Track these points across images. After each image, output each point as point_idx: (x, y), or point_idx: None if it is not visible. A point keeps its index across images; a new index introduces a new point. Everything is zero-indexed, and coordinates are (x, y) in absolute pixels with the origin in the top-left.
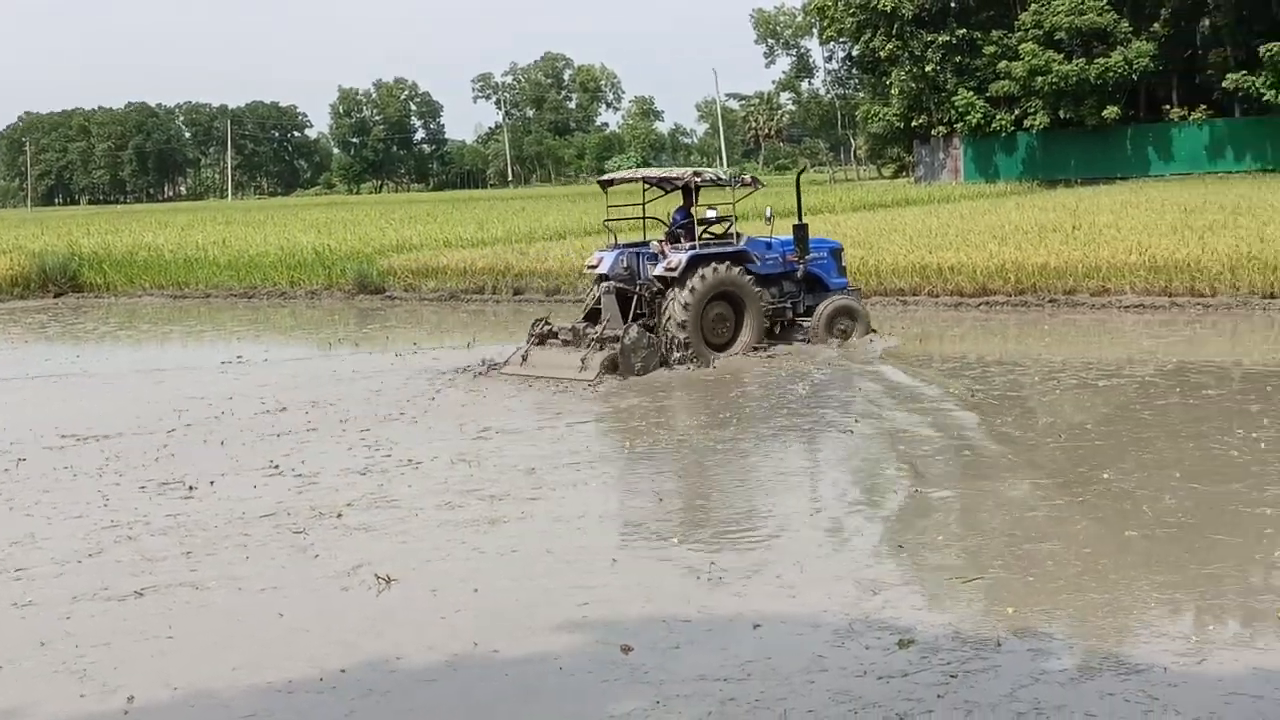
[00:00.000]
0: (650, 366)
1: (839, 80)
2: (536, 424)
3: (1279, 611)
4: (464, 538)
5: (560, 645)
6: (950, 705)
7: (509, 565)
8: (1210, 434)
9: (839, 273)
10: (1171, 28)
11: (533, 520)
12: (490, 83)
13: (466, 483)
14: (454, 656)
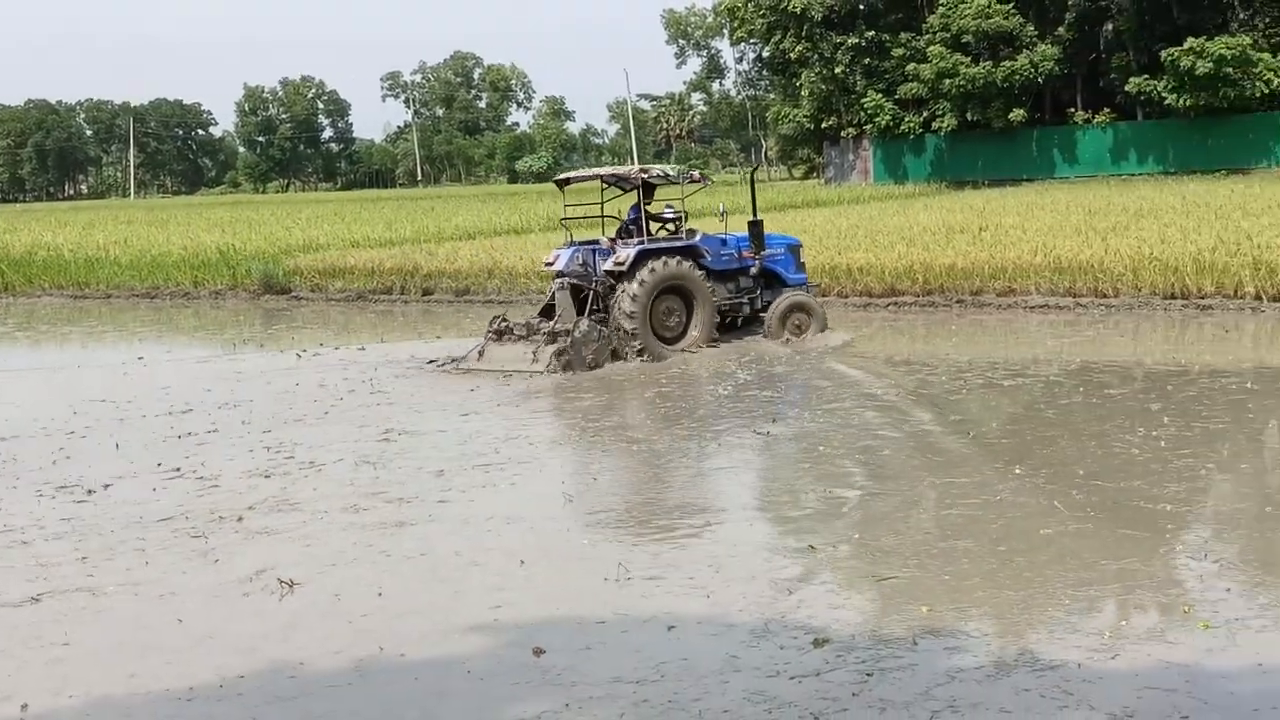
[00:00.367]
0: (601, 360)
1: (750, 81)
2: (445, 425)
3: (1186, 607)
4: (370, 541)
5: (470, 648)
6: (865, 704)
7: (417, 568)
8: (1113, 433)
9: (798, 269)
10: (1076, 32)
11: (441, 523)
12: (399, 81)
13: (372, 485)
14: (360, 661)
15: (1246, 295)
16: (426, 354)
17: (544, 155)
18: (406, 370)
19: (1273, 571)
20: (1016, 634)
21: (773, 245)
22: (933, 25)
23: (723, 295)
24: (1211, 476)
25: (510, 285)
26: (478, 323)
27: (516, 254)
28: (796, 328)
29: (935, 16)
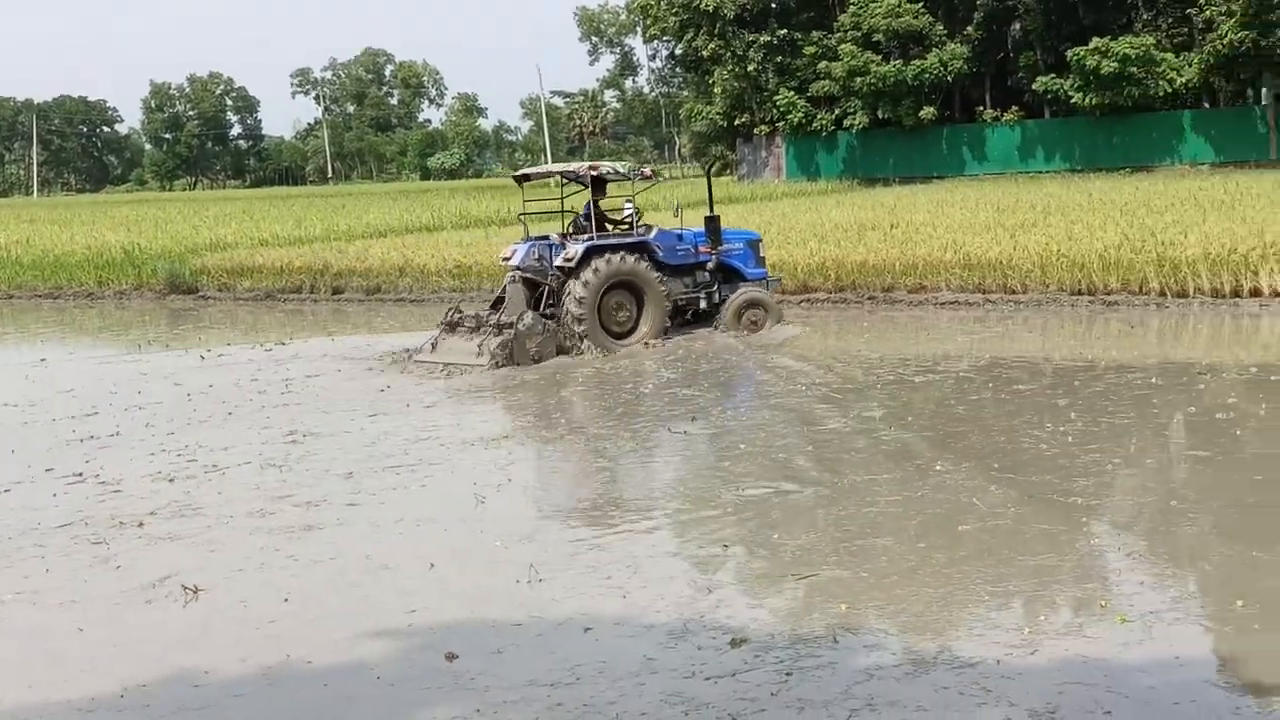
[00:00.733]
0: (546, 353)
1: (663, 79)
2: (353, 426)
3: (1103, 601)
4: (277, 545)
5: (381, 653)
6: (784, 703)
7: (325, 573)
8: (1022, 428)
9: (757, 263)
10: (984, 31)
11: (350, 526)
12: (309, 78)
13: (279, 488)
14: (268, 668)
15: (1151, 291)
16: (337, 352)
17: (456, 152)
18: (316, 369)
19: (1182, 564)
20: (935, 631)
21: (731, 240)
22: (844, 24)
23: (679, 290)
24: (1119, 471)
25: (422, 284)
26: (389, 321)
27: (429, 252)
28: (752, 323)
29: (846, 15)
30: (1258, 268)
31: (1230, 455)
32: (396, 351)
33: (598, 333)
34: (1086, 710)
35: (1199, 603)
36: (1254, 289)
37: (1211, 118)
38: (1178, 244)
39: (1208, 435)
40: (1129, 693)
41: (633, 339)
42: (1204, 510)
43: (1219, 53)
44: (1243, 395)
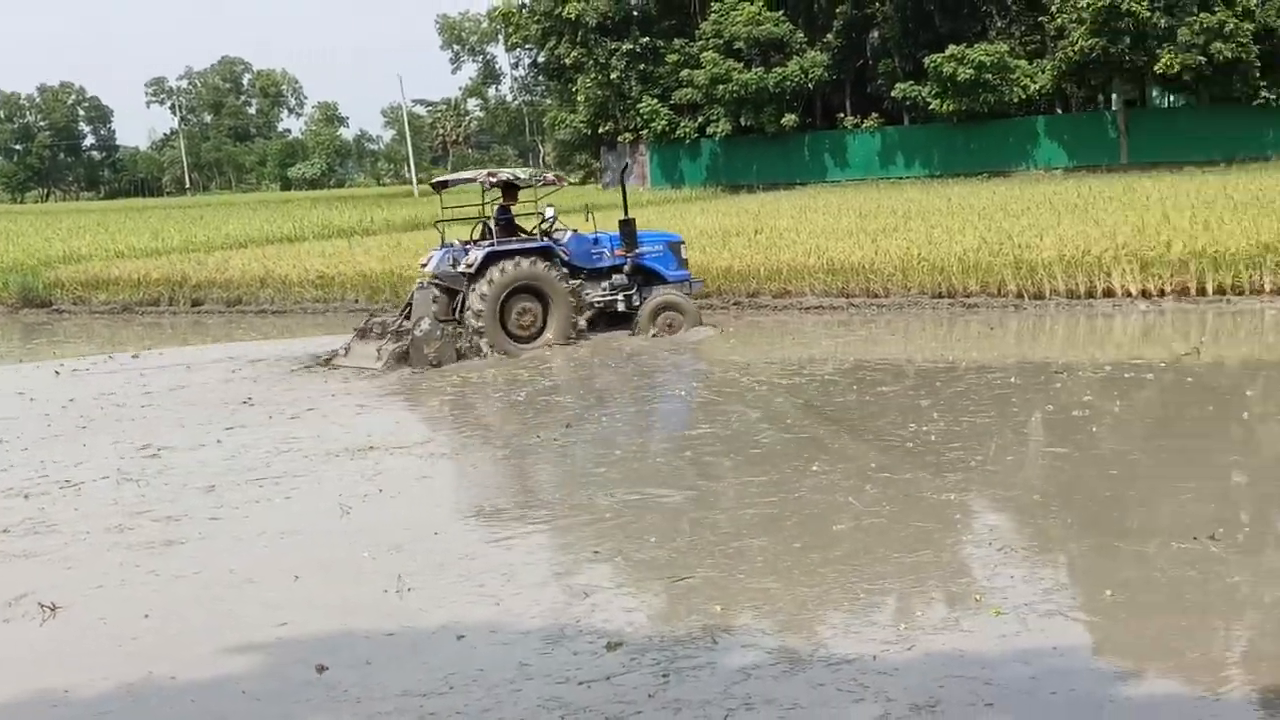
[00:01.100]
0: (445, 358)
1: (526, 87)
2: (212, 438)
3: (978, 595)
4: (137, 561)
5: (248, 668)
6: (660, 705)
7: (189, 588)
8: (887, 429)
9: (678, 265)
10: (844, 39)
11: (213, 540)
12: (164, 87)
13: (138, 503)
14: (131, 686)
15: (1009, 293)
16: (198, 362)
17: (317, 162)
18: (178, 381)
19: (1052, 557)
20: (810, 630)
21: (650, 242)
22: (705, 32)
23: (596, 293)
24: (985, 468)
25: (285, 295)
26: (250, 333)
27: (290, 263)
28: (668, 325)
29: (708, 23)
30: (1110, 269)
31: (1087, 451)
32: (292, 359)
33: (499, 337)
34: (968, 703)
35: (1070, 593)
36: (1107, 289)
37: (1064, 123)
38: (1034, 247)
39: (1065, 432)
40: (1009, 684)
41: (538, 342)
42: (1068, 505)
43: (1070, 59)
44: (1097, 393)
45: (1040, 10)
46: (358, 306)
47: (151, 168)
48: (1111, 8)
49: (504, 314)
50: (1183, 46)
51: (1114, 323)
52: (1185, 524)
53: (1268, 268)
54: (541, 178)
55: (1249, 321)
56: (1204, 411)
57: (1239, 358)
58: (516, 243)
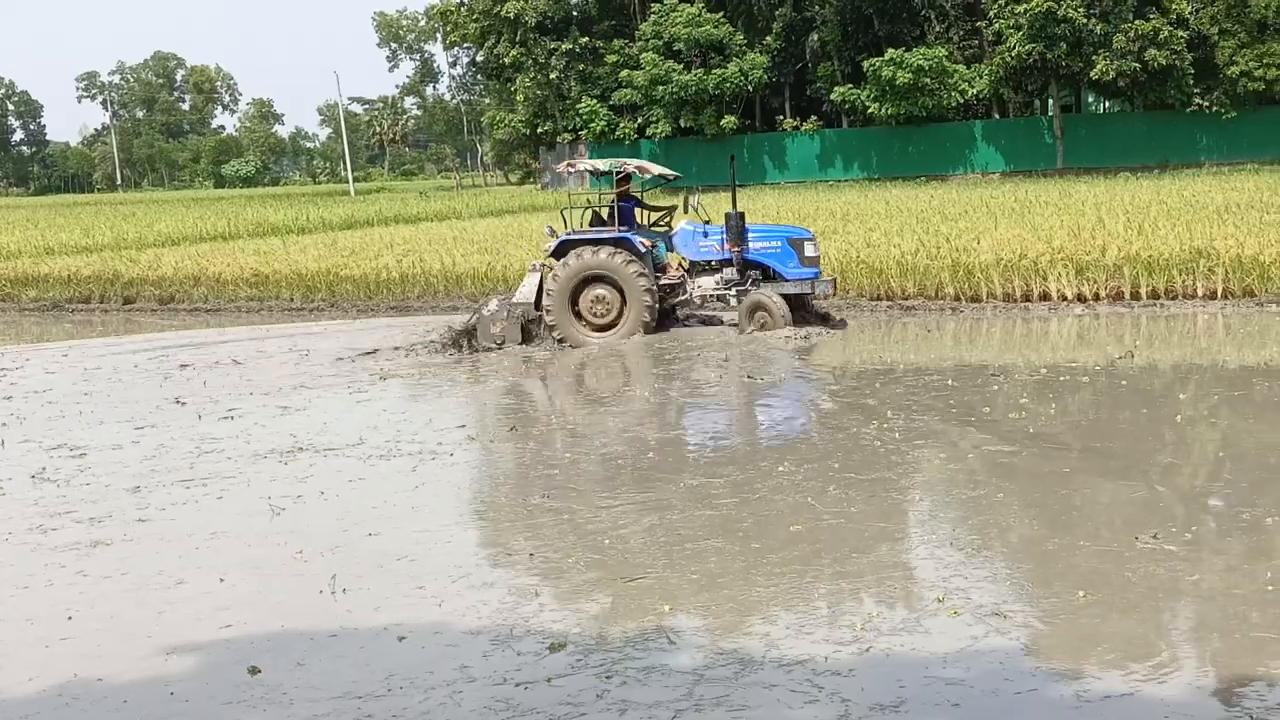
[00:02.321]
0: (510, 338)
1: (464, 86)
2: (129, 438)
3: (939, 597)
4: (63, 562)
5: (180, 669)
6: (606, 705)
7: (116, 589)
8: (849, 425)
9: (802, 263)
10: (783, 42)
11: (140, 542)
12: (96, 82)
13: (59, 504)
14: (60, 688)
15: (947, 296)
16: (133, 356)
17: (252, 159)
18: (111, 378)
19: (1014, 555)
20: (764, 631)
21: (764, 237)
22: (645, 33)
23: (709, 286)
24: (927, 469)
25: (218, 293)
26: (183, 330)
27: (224, 261)
28: (761, 325)
29: (647, 24)
30: (1046, 273)
31: (1028, 452)
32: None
33: (568, 325)
34: (933, 703)
35: (1036, 593)
36: (1043, 293)
37: (1001, 128)
38: (971, 250)
39: (1006, 434)
40: (974, 683)
41: (612, 333)
42: (1020, 506)
43: (1008, 65)
44: (1034, 396)
45: (978, 15)
46: (293, 305)
47: (82, 164)
48: (1049, 14)
49: (578, 301)
50: (1118, 53)
51: (1050, 326)
52: (1131, 524)
53: (1200, 272)
54: (619, 171)
55: (1181, 325)
56: (1138, 414)
57: (1171, 361)
58: (593, 232)
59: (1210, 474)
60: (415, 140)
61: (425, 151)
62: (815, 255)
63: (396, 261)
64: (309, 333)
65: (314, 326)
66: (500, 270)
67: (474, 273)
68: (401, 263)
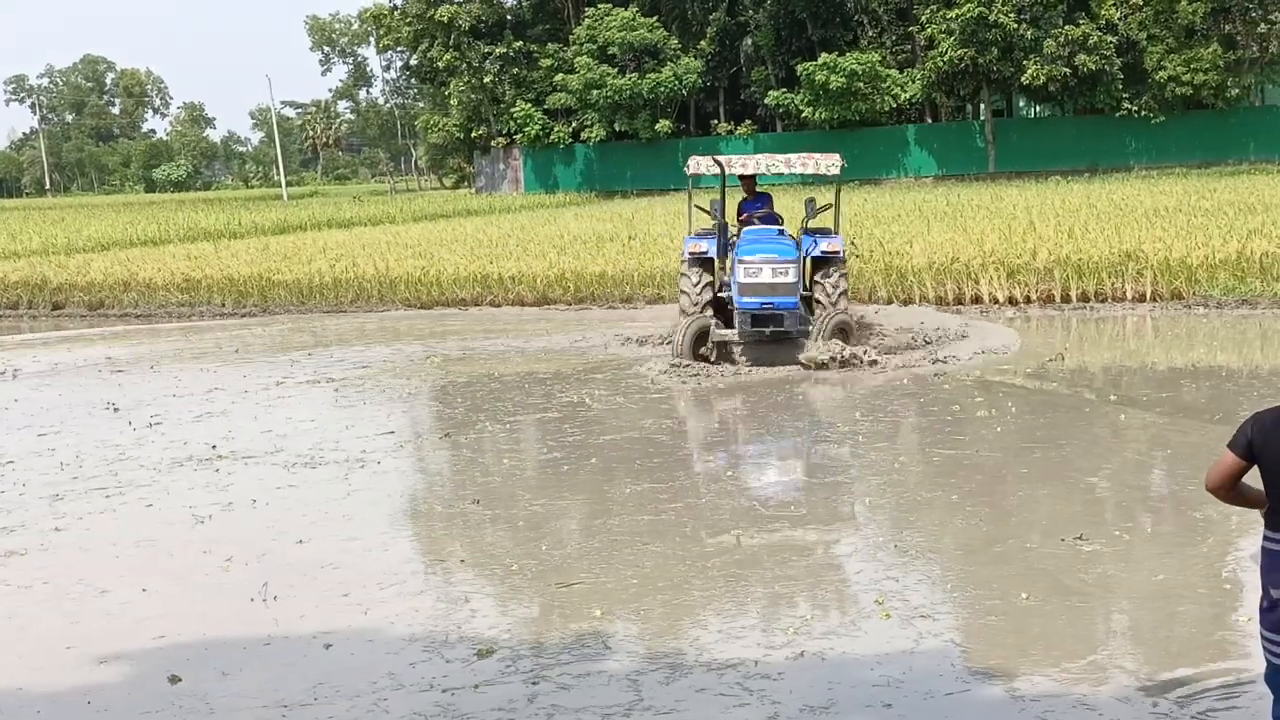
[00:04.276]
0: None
1: (398, 90)
2: (44, 447)
3: (878, 598)
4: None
5: (99, 679)
6: (535, 711)
7: (34, 598)
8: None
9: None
10: (718, 46)
11: (59, 550)
12: (24, 85)
13: None
14: None
15: (880, 300)
16: (68, 363)
17: (183, 163)
18: (35, 384)
19: (946, 558)
20: (694, 635)
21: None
22: (579, 37)
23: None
24: (869, 471)
25: (149, 298)
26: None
27: (154, 266)
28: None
29: (582, 28)
30: (978, 276)
31: (963, 455)
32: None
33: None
34: (864, 704)
35: (976, 595)
36: (975, 296)
37: (934, 132)
38: (904, 254)
39: (941, 436)
40: (906, 685)
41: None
42: (955, 508)
43: (940, 69)
44: (965, 398)
45: (911, 21)
46: (224, 310)
47: (10, 168)
48: (980, 19)
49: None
50: (1048, 58)
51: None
52: (1062, 526)
53: (1129, 275)
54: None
55: (1111, 328)
56: (1068, 416)
57: (1101, 363)
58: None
59: (1137, 476)
60: (349, 144)
61: (359, 156)
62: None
63: (330, 266)
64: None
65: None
66: (434, 275)
67: (408, 277)
68: (335, 267)
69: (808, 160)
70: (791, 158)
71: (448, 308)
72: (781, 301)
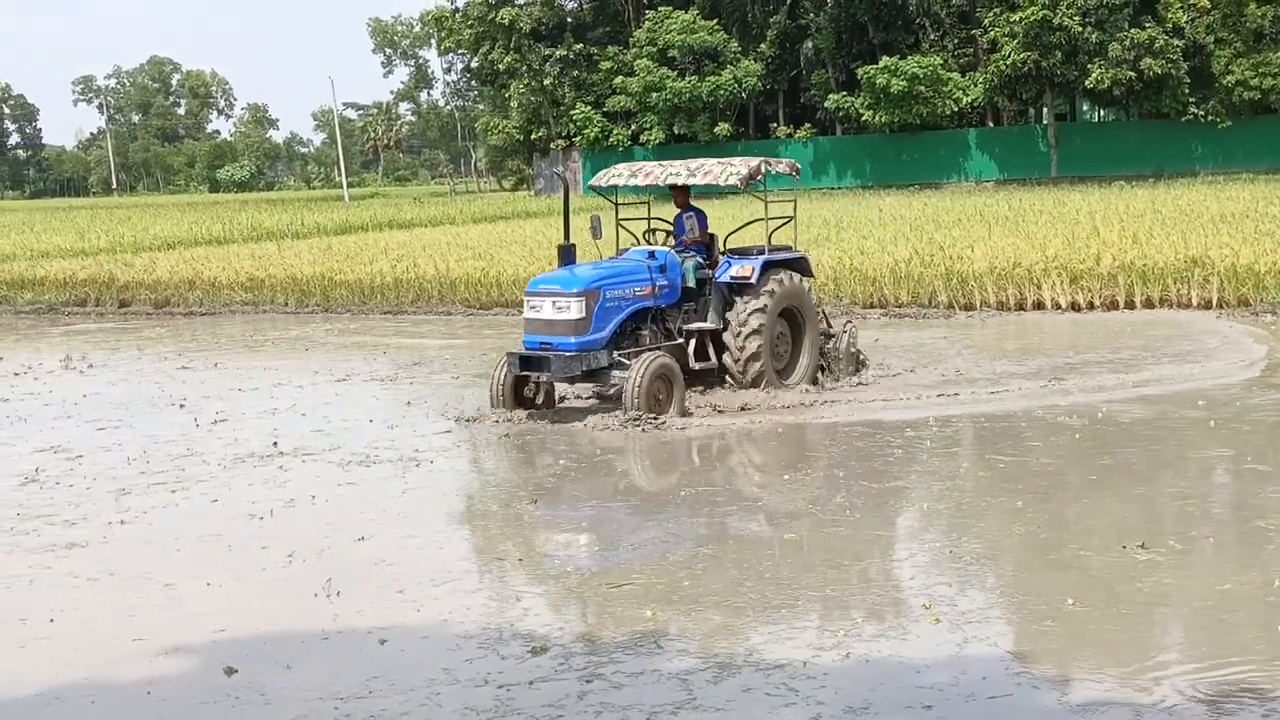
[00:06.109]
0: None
1: (458, 92)
2: (111, 441)
3: (925, 603)
4: (47, 563)
5: (158, 670)
6: (584, 709)
7: (97, 590)
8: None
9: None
10: (778, 49)
11: (120, 544)
12: (92, 86)
13: (44, 505)
14: (40, 687)
15: (940, 304)
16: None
17: (246, 164)
18: (110, 380)
19: (1014, 565)
20: (744, 636)
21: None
22: (639, 39)
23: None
24: (929, 477)
25: (213, 297)
26: (191, 334)
27: (219, 265)
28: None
29: (642, 31)
30: (1040, 281)
31: (1023, 464)
32: None
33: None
34: (905, 705)
35: (1027, 601)
36: (1037, 301)
37: (996, 136)
38: (965, 258)
39: (1004, 446)
40: (949, 688)
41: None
42: (1015, 515)
43: (1002, 73)
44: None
45: (974, 23)
46: (288, 310)
47: (78, 167)
48: (1044, 22)
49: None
50: (1113, 62)
51: (1044, 330)
52: (1120, 536)
53: (1195, 281)
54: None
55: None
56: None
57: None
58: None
59: (1209, 484)
60: (409, 146)
61: (419, 157)
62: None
63: (391, 266)
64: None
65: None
66: (494, 276)
67: (468, 278)
68: (396, 268)
69: (712, 168)
70: (707, 163)
71: (507, 308)
72: (561, 342)
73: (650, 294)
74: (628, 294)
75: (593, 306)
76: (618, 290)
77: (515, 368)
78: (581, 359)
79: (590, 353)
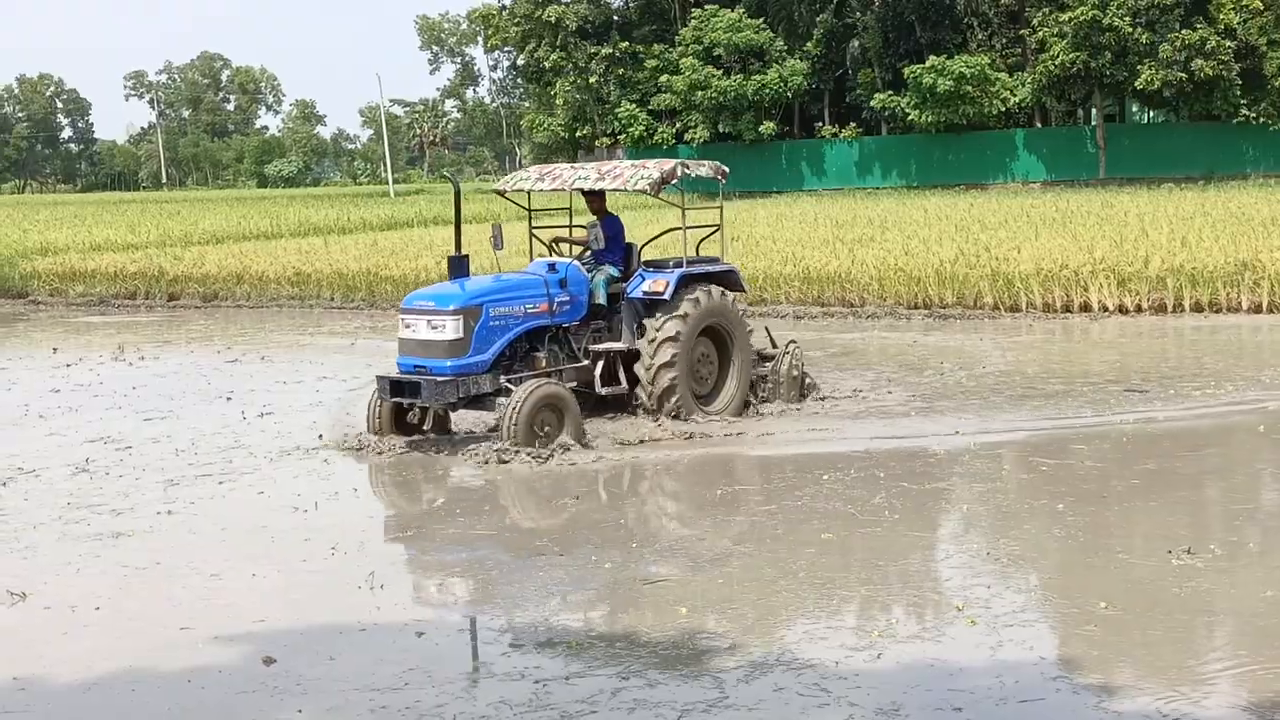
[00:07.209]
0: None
1: (504, 89)
2: (160, 433)
3: (959, 604)
4: (97, 552)
5: (201, 660)
6: (617, 705)
7: (146, 580)
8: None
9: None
10: (824, 48)
11: (171, 534)
12: (143, 81)
13: (93, 495)
14: (81, 673)
15: (985, 306)
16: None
17: (294, 160)
18: (160, 372)
19: (1038, 567)
20: (778, 635)
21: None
22: (685, 38)
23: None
24: (979, 480)
25: (261, 291)
26: (229, 327)
27: (267, 259)
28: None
29: (687, 29)
30: (1088, 284)
31: (1067, 467)
32: None
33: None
34: (935, 708)
35: (1062, 604)
36: (1084, 304)
37: (1043, 136)
38: (1011, 260)
39: (1048, 452)
40: (981, 691)
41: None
42: (1055, 519)
43: (1051, 73)
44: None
45: (1022, 23)
46: (333, 305)
47: (128, 162)
48: (1093, 22)
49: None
50: (1164, 63)
51: (1090, 335)
52: (1162, 541)
53: (1245, 285)
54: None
55: (1226, 338)
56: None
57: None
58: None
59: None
60: (455, 143)
61: (464, 154)
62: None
63: (436, 262)
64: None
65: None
66: None
67: None
68: (441, 264)
69: (623, 171)
70: (619, 165)
71: None
72: (435, 365)
73: (546, 311)
74: (517, 311)
75: (472, 325)
76: (504, 308)
77: (386, 393)
78: (459, 384)
79: (470, 377)
